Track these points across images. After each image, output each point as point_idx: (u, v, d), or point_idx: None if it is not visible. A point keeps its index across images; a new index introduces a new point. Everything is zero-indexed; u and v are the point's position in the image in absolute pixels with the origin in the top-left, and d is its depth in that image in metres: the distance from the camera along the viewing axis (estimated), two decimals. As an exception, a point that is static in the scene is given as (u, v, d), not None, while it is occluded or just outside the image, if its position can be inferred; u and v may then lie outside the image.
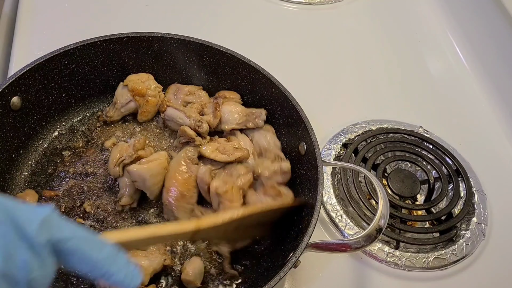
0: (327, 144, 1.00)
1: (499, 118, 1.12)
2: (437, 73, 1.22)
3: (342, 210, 0.90)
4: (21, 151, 0.85)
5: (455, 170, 0.98)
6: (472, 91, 1.18)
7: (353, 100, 1.12)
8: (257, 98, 0.93)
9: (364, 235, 0.68)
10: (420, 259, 0.85)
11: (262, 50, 0.99)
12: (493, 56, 1.17)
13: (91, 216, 0.81)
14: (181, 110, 0.90)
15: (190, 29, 0.97)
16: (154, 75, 0.94)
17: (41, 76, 0.83)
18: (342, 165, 0.90)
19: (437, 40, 1.29)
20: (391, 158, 0.98)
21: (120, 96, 0.92)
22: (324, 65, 1.18)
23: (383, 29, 1.29)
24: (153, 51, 0.93)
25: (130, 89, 0.91)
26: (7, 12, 1.20)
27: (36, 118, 0.86)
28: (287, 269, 0.66)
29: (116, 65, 0.92)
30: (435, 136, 1.04)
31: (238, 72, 0.92)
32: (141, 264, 0.72)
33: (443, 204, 0.94)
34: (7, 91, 0.78)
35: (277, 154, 0.86)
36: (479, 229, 0.91)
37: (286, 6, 1.30)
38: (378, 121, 1.05)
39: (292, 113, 0.85)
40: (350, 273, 0.85)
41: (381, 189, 0.72)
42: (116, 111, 0.93)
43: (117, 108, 0.92)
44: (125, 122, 0.95)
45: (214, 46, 0.91)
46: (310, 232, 0.69)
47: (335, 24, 1.28)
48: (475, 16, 1.24)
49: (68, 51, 0.85)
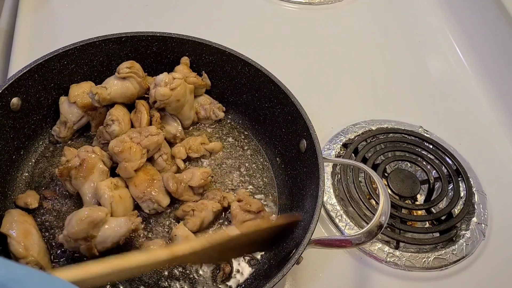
0: (327, 144, 1.00)
1: (499, 118, 1.12)
2: (437, 73, 1.22)
3: (342, 210, 0.90)
4: (21, 152, 0.85)
5: (455, 170, 0.98)
6: (472, 91, 1.18)
7: (353, 100, 1.11)
8: (256, 97, 0.93)
9: (365, 231, 0.68)
10: (420, 259, 0.85)
11: (262, 50, 0.98)
12: (493, 56, 1.17)
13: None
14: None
15: (190, 29, 0.97)
16: (153, 75, 0.95)
17: (40, 76, 0.83)
18: (342, 162, 0.91)
19: (437, 40, 1.29)
20: (391, 158, 0.98)
21: (69, 114, 0.86)
22: (324, 65, 1.18)
23: (383, 29, 1.29)
24: (152, 51, 0.93)
25: (80, 105, 0.86)
26: (7, 12, 1.20)
27: (36, 119, 0.87)
28: (290, 265, 0.67)
29: (115, 65, 0.92)
30: (435, 136, 1.04)
31: (237, 70, 0.92)
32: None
33: (443, 204, 0.94)
34: (6, 92, 0.78)
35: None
36: (479, 229, 0.91)
37: (286, 6, 1.30)
38: (378, 121, 1.05)
39: (291, 110, 0.85)
40: (350, 273, 0.85)
41: (382, 185, 0.72)
42: (69, 130, 0.88)
43: (69, 127, 0.87)
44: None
45: (213, 44, 0.91)
46: (312, 229, 0.69)
47: (335, 24, 1.28)
48: (475, 16, 1.23)
49: (67, 51, 0.85)
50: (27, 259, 0.70)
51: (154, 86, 0.86)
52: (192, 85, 0.91)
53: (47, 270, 0.73)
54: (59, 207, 0.82)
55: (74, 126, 0.88)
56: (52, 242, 0.77)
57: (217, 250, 0.69)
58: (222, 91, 0.97)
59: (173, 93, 0.85)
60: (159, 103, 0.86)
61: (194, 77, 0.92)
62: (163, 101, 0.86)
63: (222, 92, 0.97)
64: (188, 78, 0.90)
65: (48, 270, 0.73)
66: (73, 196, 0.83)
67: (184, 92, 0.88)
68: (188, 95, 0.90)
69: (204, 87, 0.95)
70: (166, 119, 0.91)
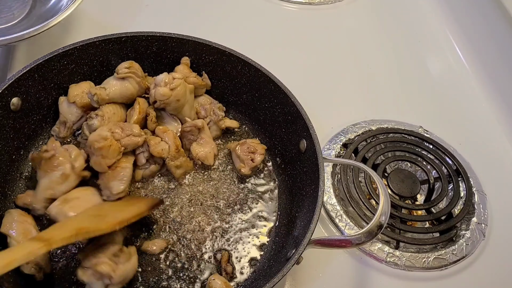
0: (327, 144, 1.00)
1: (499, 118, 1.12)
2: (437, 73, 1.22)
3: (342, 210, 0.90)
4: (21, 152, 0.85)
5: (455, 170, 0.98)
6: (472, 91, 1.18)
7: (353, 100, 1.12)
8: (256, 96, 0.93)
9: (365, 231, 0.68)
10: (420, 259, 0.85)
11: (262, 50, 0.98)
12: (493, 56, 1.17)
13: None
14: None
15: (190, 29, 0.97)
16: (153, 75, 0.95)
17: (40, 76, 0.83)
18: (342, 162, 0.91)
19: (437, 40, 1.29)
20: (391, 158, 0.98)
21: (68, 114, 0.87)
22: (324, 65, 1.18)
23: (383, 29, 1.29)
24: (152, 51, 0.93)
25: (79, 105, 0.86)
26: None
27: (36, 119, 0.86)
28: (290, 265, 0.67)
29: (115, 65, 0.92)
30: (435, 136, 1.04)
31: (237, 70, 0.92)
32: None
33: (443, 204, 0.94)
34: (6, 92, 0.78)
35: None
36: (479, 229, 0.91)
37: (286, 6, 1.30)
38: (378, 121, 1.05)
39: (291, 110, 0.85)
40: (350, 273, 0.85)
41: (382, 185, 0.72)
42: (68, 130, 0.88)
43: (69, 127, 0.88)
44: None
45: (212, 44, 0.91)
46: (312, 228, 0.70)
47: (335, 24, 1.28)
48: (475, 16, 1.23)
49: (67, 51, 0.85)
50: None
51: (154, 86, 0.86)
52: (192, 85, 0.91)
53: (47, 270, 0.73)
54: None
55: (74, 126, 0.88)
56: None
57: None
58: (222, 91, 0.97)
59: (173, 93, 0.85)
60: (159, 103, 0.86)
61: (194, 77, 0.92)
62: (163, 101, 0.86)
63: (222, 92, 0.97)
64: (188, 78, 0.90)
65: (48, 270, 0.73)
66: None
67: (184, 92, 0.88)
68: (188, 95, 0.90)
69: (204, 87, 0.95)
70: (166, 119, 0.91)
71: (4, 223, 0.74)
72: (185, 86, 0.88)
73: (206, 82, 0.95)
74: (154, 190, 0.86)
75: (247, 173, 0.88)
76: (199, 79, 0.92)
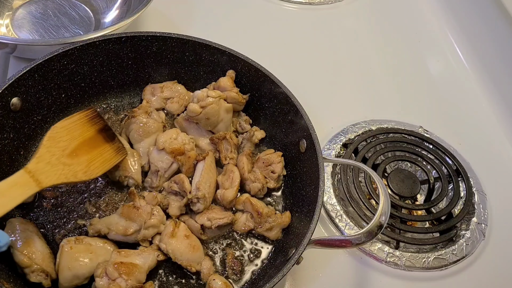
0: (327, 144, 1.00)
1: (499, 118, 1.12)
2: (437, 73, 1.22)
3: (342, 210, 0.90)
4: (22, 152, 0.85)
5: (455, 170, 0.98)
6: (472, 91, 1.18)
7: (353, 100, 1.12)
8: (256, 97, 0.93)
9: (365, 231, 0.68)
10: (420, 259, 0.85)
11: (262, 50, 0.98)
12: (493, 56, 1.17)
13: (92, 216, 0.81)
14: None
15: (190, 29, 0.97)
16: (153, 75, 0.95)
17: (40, 76, 0.83)
18: (342, 162, 0.91)
19: (437, 40, 1.29)
20: (391, 158, 0.98)
21: (159, 162, 0.85)
22: (324, 65, 1.18)
23: (383, 29, 1.29)
24: (152, 51, 0.93)
25: (169, 151, 0.84)
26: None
27: (36, 119, 0.86)
28: (290, 265, 0.67)
29: (115, 65, 0.92)
30: (435, 136, 1.04)
31: (237, 70, 0.92)
32: (136, 263, 0.72)
33: (443, 204, 0.94)
34: (6, 92, 0.78)
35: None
36: (479, 229, 0.91)
37: (286, 6, 1.30)
38: (378, 121, 1.05)
39: (291, 110, 0.85)
40: (350, 273, 0.85)
41: (382, 185, 0.72)
42: (161, 178, 0.85)
43: (161, 176, 0.85)
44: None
45: (212, 44, 0.91)
46: (312, 229, 0.70)
47: (335, 24, 1.28)
48: (475, 16, 1.23)
49: (67, 51, 0.85)
50: (32, 268, 0.69)
51: (192, 99, 0.88)
52: (230, 104, 0.89)
53: (53, 275, 0.72)
54: (59, 207, 0.82)
55: (166, 174, 0.85)
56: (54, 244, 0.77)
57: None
58: (222, 91, 0.97)
59: (202, 111, 0.86)
60: (190, 118, 0.88)
61: (236, 93, 0.90)
62: (193, 117, 0.87)
63: (222, 92, 0.97)
64: (229, 93, 0.89)
65: (53, 275, 0.72)
66: (73, 196, 0.83)
67: (216, 112, 0.87)
68: (222, 114, 0.89)
69: (243, 104, 0.93)
70: (200, 132, 0.91)
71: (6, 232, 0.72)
72: (218, 105, 0.87)
73: (246, 99, 0.93)
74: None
75: (275, 186, 0.87)
76: (239, 96, 0.91)
